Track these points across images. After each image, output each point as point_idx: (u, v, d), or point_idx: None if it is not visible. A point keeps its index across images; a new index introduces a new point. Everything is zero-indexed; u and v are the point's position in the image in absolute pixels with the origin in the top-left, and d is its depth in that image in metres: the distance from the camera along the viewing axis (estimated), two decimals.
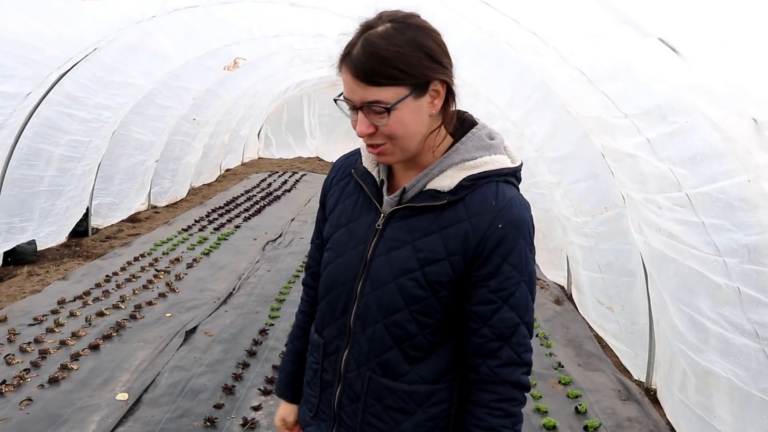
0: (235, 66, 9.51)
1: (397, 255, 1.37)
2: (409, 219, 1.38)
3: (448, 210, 1.35)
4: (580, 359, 4.72)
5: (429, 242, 1.35)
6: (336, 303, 1.46)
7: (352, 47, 1.28)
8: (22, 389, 3.99)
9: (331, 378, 1.49)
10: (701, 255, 2.88)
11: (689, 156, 2.77)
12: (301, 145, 18.38)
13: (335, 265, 1.46)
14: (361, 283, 1.40)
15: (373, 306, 1.38)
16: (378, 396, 1.41)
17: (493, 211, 1.33)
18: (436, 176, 1.37)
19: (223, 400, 3.94)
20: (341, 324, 1.45)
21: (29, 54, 5.44)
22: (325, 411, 1.51)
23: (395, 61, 1.24)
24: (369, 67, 1.24)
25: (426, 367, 1.41)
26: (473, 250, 1.33)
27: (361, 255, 1.41)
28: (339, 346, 1.46)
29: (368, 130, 1.30)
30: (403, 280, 1.35)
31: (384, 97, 1.26)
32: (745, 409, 2.73)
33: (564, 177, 5.27)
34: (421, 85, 1.28)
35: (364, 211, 1.46)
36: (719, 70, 2.12)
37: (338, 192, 1.54)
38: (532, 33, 3.48)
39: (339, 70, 1.31)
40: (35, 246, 6.85)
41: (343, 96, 1.31)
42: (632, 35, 2.35)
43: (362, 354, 1.41)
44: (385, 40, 1.25)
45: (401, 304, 1.36)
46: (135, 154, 9.02)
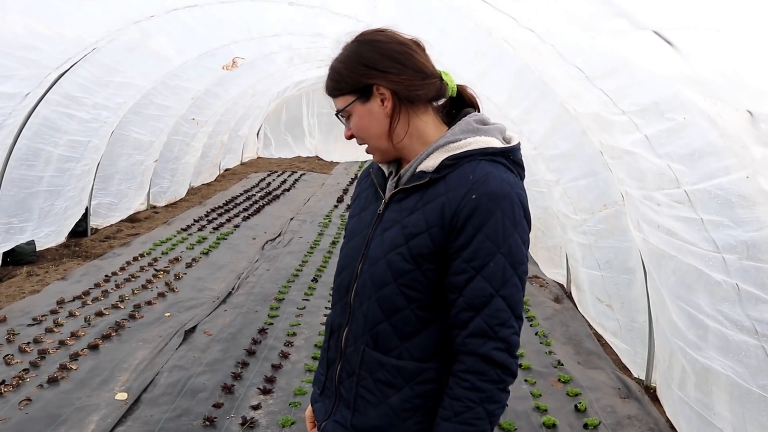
0: (233, 65, 9.51)
1: (389, 234, 1.47)
2: (402, 201, 1.50)
3: (431, 188, 1.45)
4: (579, 357, 4.72)
5: (413, 219, 1.44)
6: (342, 284, 1.57)
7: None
8: (21, 389, 3.99)
9: (334, 355, 1.58)
10: (700, 252, 2.88)
11: (687, 152, 2.76)
12: (300, 144, 18.37)
13: (345, 251, 1.61)
14: (361, 263, 1.51)
15: (368, 282, 1.48)
16: (370, 369, 1.48)
17: (468, 184, 1.39)
18: (423, 159, 1.48)
19: (222, 399, 3.94)
20: (344, 303, 1.55)
21: (28, 54, 5.43)
22: (329, 387, 1.61)
23: (338, 75, 1.49)
24: (328, 84, 1.52)
25: (415, 344, 1.45)
26: (449, 222, 1.39)
27: (364, 237, 1.54)
28: (341, 323, 1.56)
29: (347, 134, 1.54)
30: (392, 255, 1.44)
31: (339, 106, 1.50)
32: (745, 406, 2.73)
33: (563, 175, 5.26)
34: (361, 91, 1.47)
35: (371, 200, 1.60)
36: (714, 61, 2.11)
37: (359, 190, 1.70)
38: (530, 30, 3.47)
39: None
40: (34, 246, 6.85)
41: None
42: (627, 28, 2.35)
43: (359, 329, 1.50)
44: (336, 58, 1.51)
45: (389, 278, 1.44)
46: (134, 154, 9.01)
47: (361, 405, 1.49)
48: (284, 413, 3.78)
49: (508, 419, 3.71)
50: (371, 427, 1.48)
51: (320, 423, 1.61)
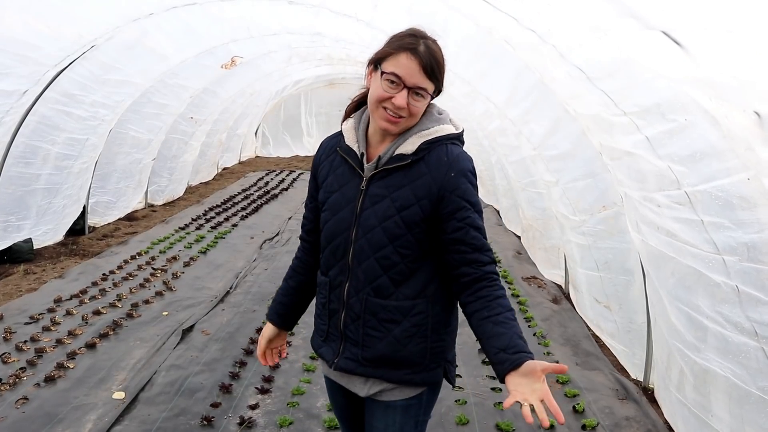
0: (232, 64, 9.49)
1: (380, 206, 1.84)
2: (385, 178, 1.85)
3: (413, 168, 1.84)
4: (577, 358, 4.72)
5: (402, 193, 1.83)
6: (337, 249, 1.91)
7: (415, 45, 1.75)
8: (18, 388, 3.97)
9: (336, 306, 1.94)
10: (700, 253, 2.87)
11: (688, 154, 2.76)
12: (298, 143, 18.37)
13: (333, 221, 1.91)
14: (355, 230, 1.87)
15: (366, 246, 1.85)
16: (373, 312, 1.87)
17: (446, 164, 1.83)
18: (401, 144, 1.84)
19: (220, 398, 3.93)
20: (342, 264, 1.90)
21: (26, 52, 5.42)
22: (333, 333, 1.97)
23: (442, 69, 1.80)
24: (431, 65, 1.75)
25: (407, 288, 1.87)
26: (436, 195, 1.81)
27: (352, 210, 1.87)
28: (342, 280, 1.91)
29: (405, 104, 1.76)
30: (387, 223, 1.82)
31: (428, 87, 1.78)
32: (743, 407, 2.73)
33: (562, 176, 5.26)
34: (437, 90, 1.84)
35: (349, 178, 1.91)
36: (724, 63, 2.11)
37: (328, 166, 1.99)
38: (531, 31, 3.47)
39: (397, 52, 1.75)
40: (32, 244, 6.84)
41: (394, 74, 1.74)
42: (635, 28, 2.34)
43: (360, 283, 1.87)
44: (440, 51, 1.79)
45: (386, 242, 1.83)
46: (132, 153, 8.99)
47: (369, 341, 1.89)
48: (282, 413, 3.77)
49: (507, 420, 3.70)
50: (381, 355, 1.88)
51: (329, 361, 1.98)
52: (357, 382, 1.97)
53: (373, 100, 1.80)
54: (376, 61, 1.81)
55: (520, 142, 5.86)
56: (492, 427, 3.66)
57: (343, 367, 1.94)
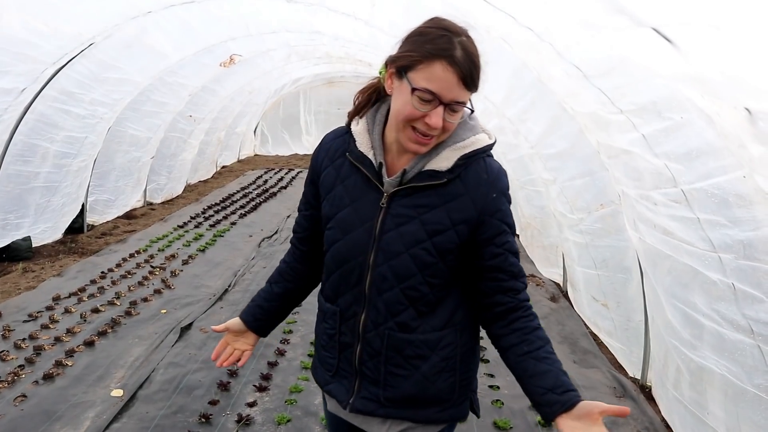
0: (231, 62, 9.49)
1: (407, 229, 1.57)
2: (411, 196, 1.58)
3: (447, 187, 1.57)
4: (575, 356, 4.72)
5: (434, 216, 1.57)
6: (349, 275, 1.65)
7: (451, 49, 1.42)
8: (17, 386, 3.98)
9: (349, 339, 1.70)
10: (696, 251, 2.88)
11: (684, 152, 2.77)
12: (297, 142, 18.37)
13: (344, 242, 1.64)
14: (374, 255, 1.60)
15: (388, 274, 1.60)
16: (397, 348, 1.64)
17: (486, 184, 1.59)
18: (433, 158, 1.56)
19: (218, 396, 3.93)
20: (357, 292, 1.65)
21: (24, 50, 5.42)
22: (346, 369, 1.73)
23: (481, 71, 1.47)
24: (472, 75, 1.44)
25: (434, 318, 1.65)
26: (476, 219, 1.58)
27: (369, 231, 1.60)
28: (356, 311, 1.66)
29: (441, 124, 1.47)
30: (415, 249, 1.57)
31: (466, 100, 1.48)
32: (739, 405, 2.74)
33: (560, 174, 5.27)
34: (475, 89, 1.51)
35: (364, 191, 1.63)
36: (713, 59, 2.11)
37: (333, 173, 1.69)
38: (529, 29, 3.47)
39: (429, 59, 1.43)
40: (30, 242, 6.84)
41: (427, 91, 1.43)
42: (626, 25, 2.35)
43: (380, 316, 1.63)
44: (477, 50, 1.47)
45: (414, 270, 1.58)
46: (131, 151, 8.99)
47: (392, 380, 1.67)
48: (280, 410, 3.78)
49: (504, 417, 3.71)
50: (407, 396, 1.67)
51: (343, 401, 1.74)
52: (374, 423, 1.74)
53: (400, 118, 1.50)
54: (402, 68, 1.49)
55: (518, 141, 5.87)
56: (490, 425, 3.67)
57: (360, 408, 1.71)
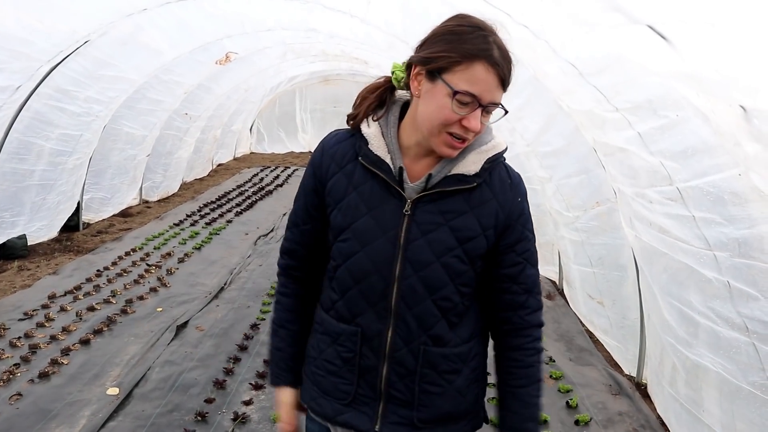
0: (227, 60, 9.47)
1: (435, 236, 1.49)
2: (437, 202, 1.50)
3: (474, 191, 1.52)
4: (571, 354, 4.74)
5: (464, 222, 1.51)
6: (371, 290, 1.53)
7: (489, 49, 1.36)
8: (12, 384, 3.96)
9: (373, 361, 1.57)
10: (692, 249, 2.89)
11: (680, 150, 2.77)
12: (293, 139, 18.35)
13: (364, 254, 1.52)
14: (400, 267, 1.50)
15: (419, 286, 1.51)
16: (433, 364, 1.56)
17: (510, 187, 1.56)
18: (459, 162, 1.50)
19: (214, 394, 3.93)
20: (381, 308, 1.53)
21: (19, 47, 5.39)
22: (366, 395, 1.59)
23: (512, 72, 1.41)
24: (507, 75, 1.39)
25: (462, 329, 1.59)
26: (503, 224, 1.54)
27: (393, 240, 1.50)
28: (380, 329, 1.54)
29: (479, 126, 1.40)
30: (447, 258, 1.50)
31: (500, 101, 1.42)
32: (734, 402, 2.75)
33: (556, 172, 5.27)
34: None
35: (383, 198, 1.52)
36: (708, 57, 2.12)
37: (344, 180, 1.55)
38: (524, 26, 3.47)
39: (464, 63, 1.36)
40: (26, 240, 6.81)
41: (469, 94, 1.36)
42: (622, 22, 2.35)
43: (411, 332, 1.53)
44: (510, 52, 1.40)
45: (446, 280, 1.51)
46: (126, 149, 8.97)
47: (426, 399, 1.57)
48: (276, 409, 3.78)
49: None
50: (442, 413, 1.60)
51: (367, 431, 1.59)
52: None
53: (435, 123, 1.41)
54: (437, 70, 1.39)
55: (513, 138, 5.87)
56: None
57: None
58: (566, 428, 3.69)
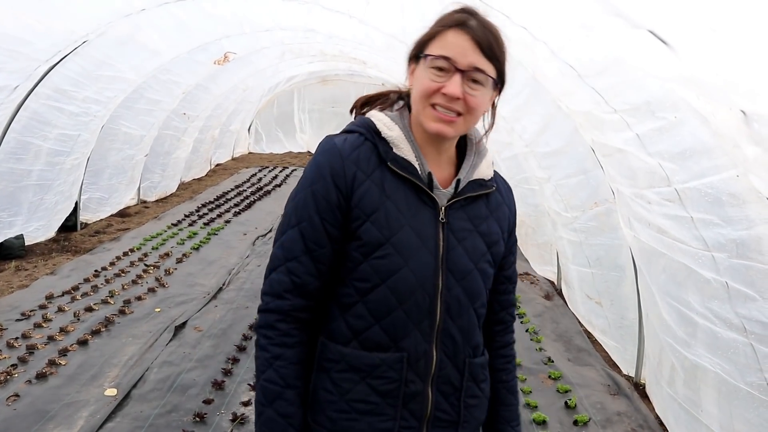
0: (225, 60, 9.46)
1: (470, 243, 1.47)
2: (465, 208, 1.49)
3: (491, 196, 1.54)
4: (569, 354, 4.74)
5: (488, 227, 1.51)
6: (418, 307, 1.41)
7: (465, 20, 1.36)
8: (9, 385, 3.96)
9: (419, 386, 1.44)
10: (690, 250, 2.89)
11: (678, 151, 2.78)
12: (291, 140, 18.34)
13: (410, 270, 1.40)
14: (443, 278, 1.43)
15: (462, 296, 1.45)
16: (474, 377, 1.52)
17: (509, 192, 1.62)
18: (478, 166, 1.51)
19: (212, 395, 3.93)
20: (426, 326, 1.43)
21: (17, 47, 5.38)
22: (409, 425, 1.44)
23: (502, 47, 1.39)
24: (488, 41, 1.35)
25: (481, 335, 1.57)
26: (511, 226, 1.60)
27: (433, 251, 1.42)
28: (426, 349, 1.43)
29: (460, 94, 1.34)
30: (481, 264, 1.49)
31: (487, 69, 1.36)
32: (732, 402, 2.75)
33: (554, 172, 5.28)
34: (501, 78, 1.41)
35: (418, 206, 1.43)
36: (709, 61, 2.12)
37: (376, 189, 1.41)
38: (523, 28, 3.47)
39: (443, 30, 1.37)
40: (23, 241, 6.80)
41: (441, 57, 1.35)
42: (622, 27, 2.36)
43: (456, 345, 1.47)
44: (497, 28, 1.39)
45: (482, 287, 1.50)
46: (124, 149, 8.96)
47: (468, 414, 1.52)
48: None
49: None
50: (478, 425, 1.59)
51: None
52: None
53: (418, 97, 1.39)
54: (419, 51, 1.40)
55: (512, 139, 5.87)
56: None
57: None
58: (565, 428, 3.69)
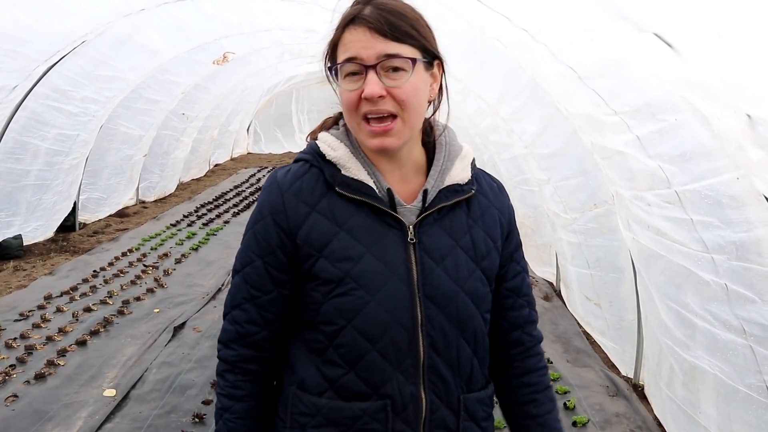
0: (224, 60, 9.46)
1: (451, 262, 1.27)
2: (440, 222, 1.28)
3: (473, 202, 1.33)
4: (568, 355, 4.74)
5: (474, 237, 1.30)
6: (395, 346, 1.23)
7: (358, 11, 1.20)
8: (8, 385, 3.95)
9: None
10: (689, 252, 2.89)
11: (678, 153, 2.78)
12: (290, 140, 18.36)
13: (378, 304, 1.22)
14: (421, 308, 1.23)
15: (447, 326, 1.25)
16: (473, 415, 1.32)
17: (499, 191, 1.41)
18: (448, 169, 1.31)
19: (211, 396, 3.92)
20: (409, 365, 1.24)
21: (16, 47, 5.38)
22: None
23: (413, 21, 1.21)
24: (388, 22, 1.17)
25: (486, 366, 1.37)
26: (506, 232, 1.38)
27: (405, 278, 1.23)
28: (412, 392, 1.25)
29: (381, 92, 1.16)
30: (470, 283, 1.28)
31: (401, 52, 1.18)
32: (731, 404, 2.76)
33: (554, 174, 5.28)
34: (430, 56, 1.24)
35: (379, 230, 1.25)
36: (714, 65, 2.13)
37: (324, 220, 1.25)
38: (523, 30, 3.48)
39: (340, 33, 1.22)
40: (21, 241, 6.79)
41: (346, 60, 1.19)
42: (627, 30, 2.36)
43: (446, 383, 1.27)
44: (400, 3, 1.23)
45: (474, 311, 1.28)
46: (123, 149, 8.96)
47: None
48: None
49: (497, 417, 3.72)
50: None
51: None
52: None
53: (347, 114, 1.23)
54: (331, 63, 1.25)
55: (512, 140, 5.87)
56: None
57: None
58: (563, 429, 3.69)
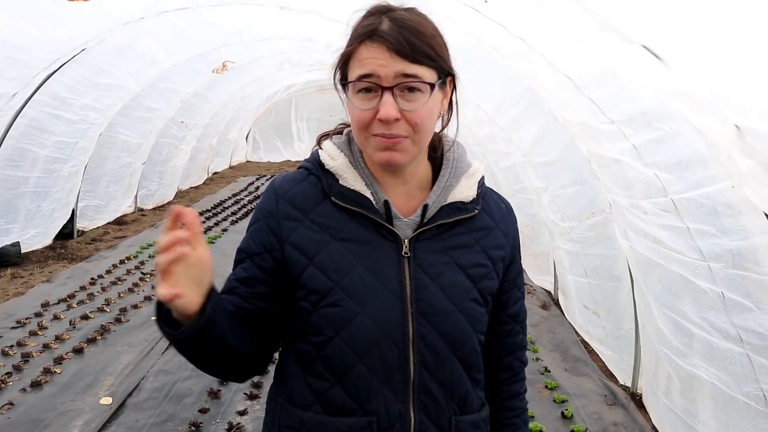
0: (223, 69, 9.49)
1: (447, 279, 1.24)
2: (439, 238, 1.25)
3: (476, 221, 1.29)
4: (566, 364, 4.73)
5: (473, 257, 1.27)
6: (383, 361, 1.20)
7: (376, 25, 1.14)
8: (4, 393, 3.94)
9: None
10: (686, 260, 2.90)
11: (675, 162, 2.79)
12: (289, 148, 18.39)
13: (367, 317, 1.19)
14: (413, 324, 1.21)
15: (440, 344, 1.22)
16: None
17: (507, 213, 1.37)
18: (453, 188, 1.28)
19: (208, 404, 3.91)
20: (398, 382, 1.21)
21: (16, 54, 5.40)
22: None
23: (431, 40, 1.16)
24: (408, 41, 1.12)
25: (481, 388, 1.35)
26: (509, 255, 1.34)
27: (397, 293, 1.21)
28: (401, 410, 1.21)
29: (396, 114, 1.12)
30: (466, 303, 1.24)
31: (419, 74, 1.13)
32: (729, 413, 2.75)
33: (551, 182, 5.29)
34: (445, 75, 1.20)
35: (374, 242, 1.23)
36: (701, 76, 2.15)
37: (317, 228, 1.23)
38: (520, 39, 3.50)
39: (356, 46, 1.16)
40: (19, 248, 6.79)
41: (360, 77, 1.14)
42: (616, 42, 2.38)
43: (437, 403, 1.24)
44: (418, 18, 1.17)
45: (469, 330, 1.25)
46: (122, 156, 8.97)
47: None
48: None
49: None
50: None
51: None
52: None
53: (356, 131, 1.19)
54: (343, 76, 1.21)
55: (509, 149, 5.89)
56: None
57: None
58: None
